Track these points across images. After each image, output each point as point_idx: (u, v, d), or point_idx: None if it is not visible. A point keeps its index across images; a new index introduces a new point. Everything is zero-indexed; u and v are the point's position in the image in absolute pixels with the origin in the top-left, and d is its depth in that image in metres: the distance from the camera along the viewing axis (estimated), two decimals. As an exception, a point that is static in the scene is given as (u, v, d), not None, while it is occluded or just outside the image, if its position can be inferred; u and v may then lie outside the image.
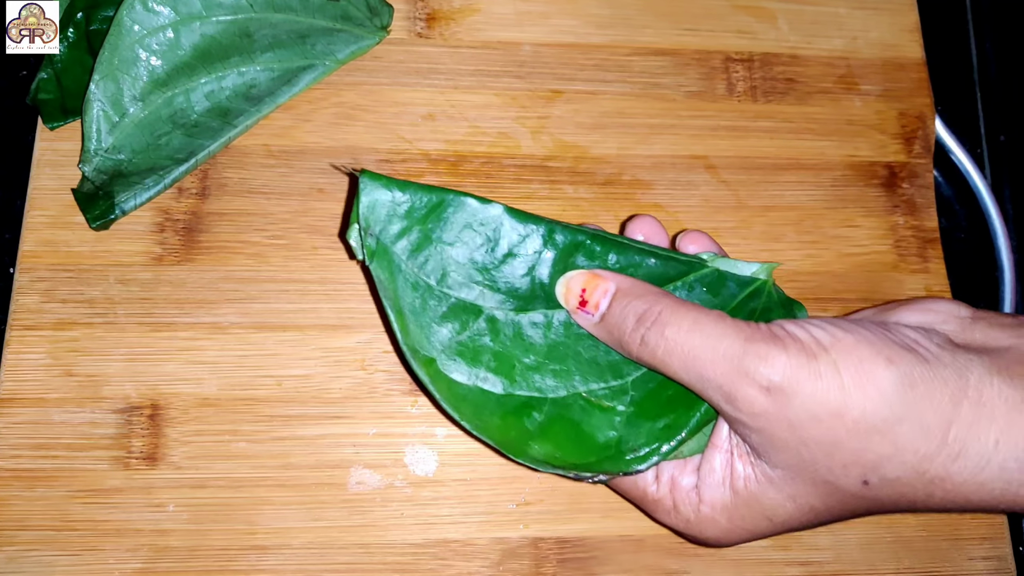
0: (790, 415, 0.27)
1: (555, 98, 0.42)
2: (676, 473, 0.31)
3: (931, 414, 0.26)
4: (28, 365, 0.36)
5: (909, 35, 0.45)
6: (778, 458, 0.28)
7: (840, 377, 0.26)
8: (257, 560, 0.36)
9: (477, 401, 0.31)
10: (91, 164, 0.35)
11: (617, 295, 0.30)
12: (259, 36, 0.36)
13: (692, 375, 0.28)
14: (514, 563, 0.37)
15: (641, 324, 0.29)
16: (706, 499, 0.30)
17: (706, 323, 0.28)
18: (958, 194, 0.47)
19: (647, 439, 0.31)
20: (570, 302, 0.31)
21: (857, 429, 0.26)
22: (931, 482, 0.27)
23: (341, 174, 0.40)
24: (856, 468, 0.27)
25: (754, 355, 0.27)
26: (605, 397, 0.31)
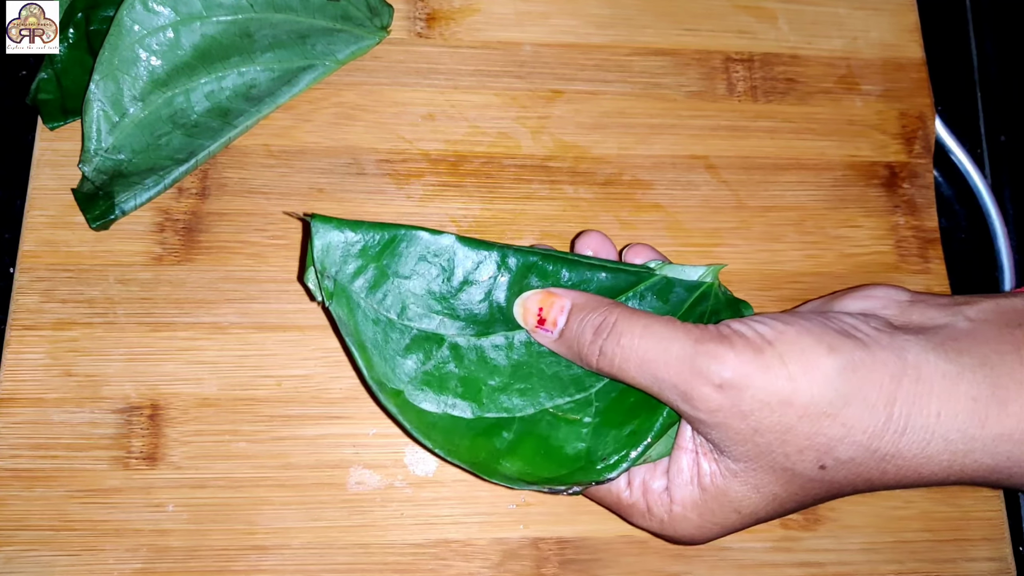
0: (743, 408, 0.28)
1: (555, 98, 0.42)
2: (647, 477, 0.32)
3: (874, 393, 0.28)
4: (28, 365, 0.36)
5: (909, 35, 0.45)
6: (738, 451, 0.29)
7: (786, 367, 0.28)
8: (257, 560, 0.36)
9: (447, 427, 0.32)
10: (91, 164, 0.35)
11: (573, 310, 0.31)
12: (259, 36, 0.36)
13: (648, 378, 0.29)
14: (514, 564, 0.37)
15: (598, 335, 0.30)
16: (677, 499, 0.31)
17: (657, 328, 0.29)
18: (958, 194, 0.47)
19: (615, 447, 0.32)
20: (528, 321, 0.32)
21: (807, 414, 0.28)
22: (883, 459, 0.28)
23: (341, 175, 0.40)
24: (811, 452, 0.28)
25: (704, 354, 0.28)
26: (571, 411, 0.32)
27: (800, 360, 0.28)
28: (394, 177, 0.40)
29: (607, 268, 0.33)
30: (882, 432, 0.28)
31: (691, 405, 0.29)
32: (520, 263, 0.32)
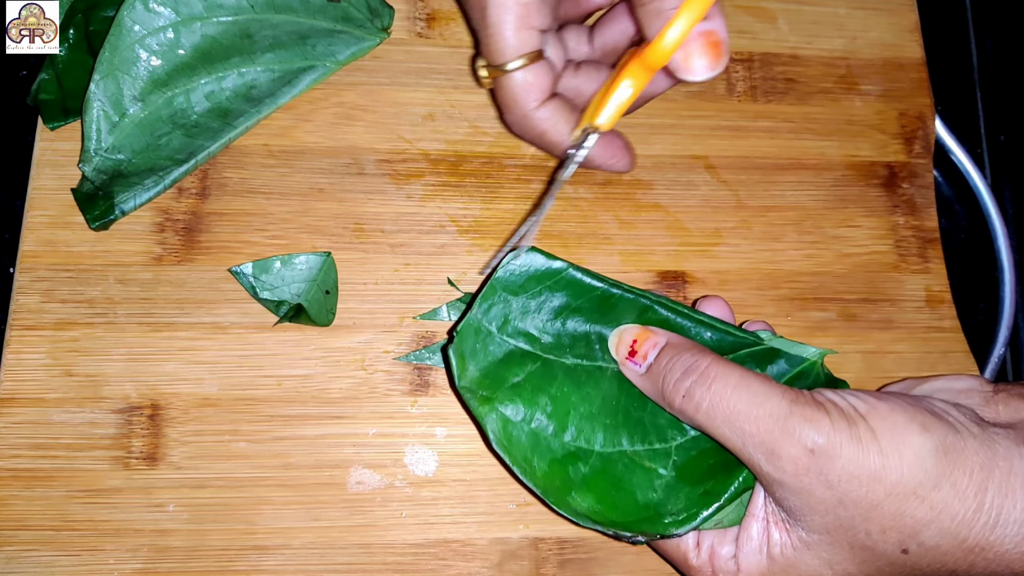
0: (831, 476, 0.27)
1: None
2: (716, 542, 0.31)
3: (965, 480, 0.27)
4: (28, 365, 0.36)
5: (909, 35, 0.45)
6: (815, 521, 0.28)
7: (878, 442, 0.27)
8: (257, 560, 0.36)
9: (528, 445, 0.32)
10: (91, 164, 0.35)
11: (666, 348, 0.31)
12: (260, 37, 0.36)
13: (735, 431, 0.28)
14: (514, 564, 0.37)
15: (686, 376, 0.30)
16: (743, 567, 0.30)
17: (753, 382, 0.29)
18: (958, 194, 0.47)
19: (686, 504, 0.31)
20: (620, 352, 0.32)
21: (895, 492, 0.27)
22: (971, 551, 0.27)
23: (341, 174, 0.40)
24: (894, 533, 0.27)
25: (799, 416, 0.28)
26: (649, 458, 0.32)
27: (892, 436, 0.27)
28: (394, 177, 0.40)
29: (715, 328, 0.33)
30: (972, 521, 0.27)
31: (776, 465, 0.28)
32: (633, 299, 0.33)
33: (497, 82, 0.35)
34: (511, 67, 0.33)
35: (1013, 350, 0.45)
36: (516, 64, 0.33)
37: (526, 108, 0.35)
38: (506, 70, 0.34)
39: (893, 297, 0.42)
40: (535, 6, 0.33)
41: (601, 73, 0.37)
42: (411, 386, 0.38)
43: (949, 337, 0.41)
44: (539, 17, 0.33)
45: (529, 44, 0.33)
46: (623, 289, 0.33)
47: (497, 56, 0.33)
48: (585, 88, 0.37)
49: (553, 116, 0.35)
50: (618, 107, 0.33)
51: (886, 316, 0.41)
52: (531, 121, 0.35)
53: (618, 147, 0.37)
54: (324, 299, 0.37)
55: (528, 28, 0.33)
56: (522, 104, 0.34)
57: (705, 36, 0.31)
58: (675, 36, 0.30)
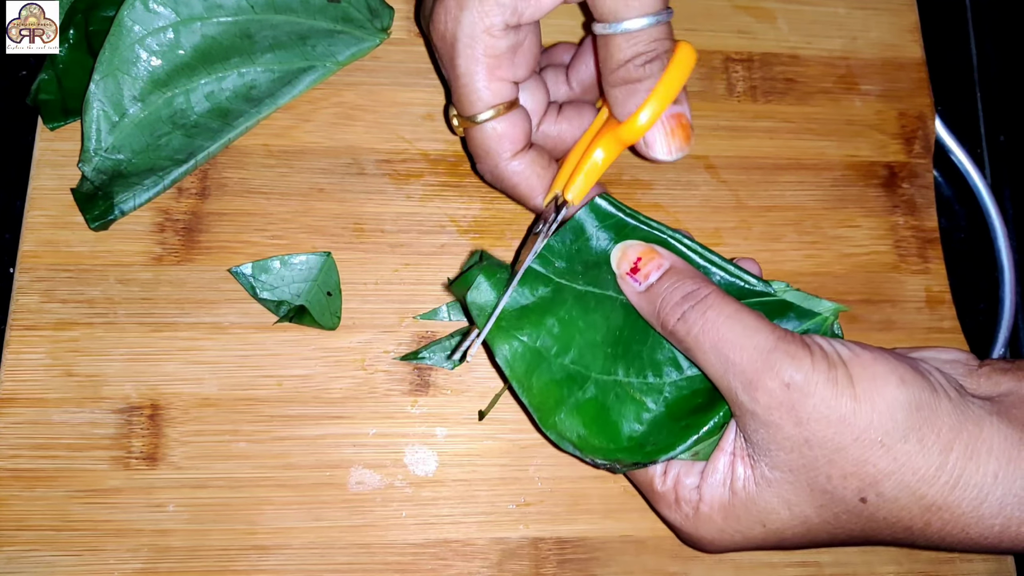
0: (801, 413, 0.28)
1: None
2: (682, 471, 0.32)
3: (932, 436, 0.27)
4: (28, 365, 0.36)
5: (909, 35, 0.45)
6: (780, 458, 0.29)
7: (853, 387, 0.28)
8: (257, 560, 0.36)
9: (529, 361, 0.33)
10: (91, 164, 0.35)
11: (669, 271, 0.31)
12: (260, 37, 0.36)
13: (720, 358, 0.29)
14: (514, 564, 0.37)
15: (685, 301, 0.30)
16: (705, 497, 0.31)
17: (746, 316, 0.29)
18: (958, 194, 0.47)
19: (667, 437, 0.32)
20: (622, 266, 0.32)
21: (862, 438, 0.27)
22: (928, 508, 0.28)
23: (341, 175, 0.40)
24: (855, 480, 0.28)
25: (783, 352, 0.28)
26: (640, 390, 0.33)
27: (869, 384, 0.28)
28: (394, 177, 0.40)
29: (729, 272, 0.33)
30: (933, 478, 0.27)
31: (751, 395, 0.28)
32: (647, 231, 0.33)
33: (468, 132, 0.34)
34: (482, 118, 0.33)
35: (1013, 350, 0.45)
36: (487, 115, 0.33)
37: (498, 160, 0.34)
38: (477, 121, 0.33)
39: (893, 298, 0.42)
40: (507, 57, 0.32)
41: (583, 115, 0.36)
42: (411, 386, 0.38)
43: (949, 337, 0.41)
44: (511, 68, 0.33)
45: (500, 95, 0.33)
46: (640, 220, 0.33)
47: (468, 107, 0.33)
48: (567, 134, 0.36)
49: (526, 169, 0.34)
50: (589, 183, 0.34)
51: (886, 317, 0.41)
52: (503, 173, 0.34)
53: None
54: (327, 301, 0.37)
55: (499, 79, 0.32)
56: (494, 156, 0.34)
57: (676, 118, 0.32)
58: (649, 116, 0.32)
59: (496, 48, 0.32)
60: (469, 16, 0.31)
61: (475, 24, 0.31)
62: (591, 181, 0.34)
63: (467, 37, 0.31)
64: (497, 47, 0.32)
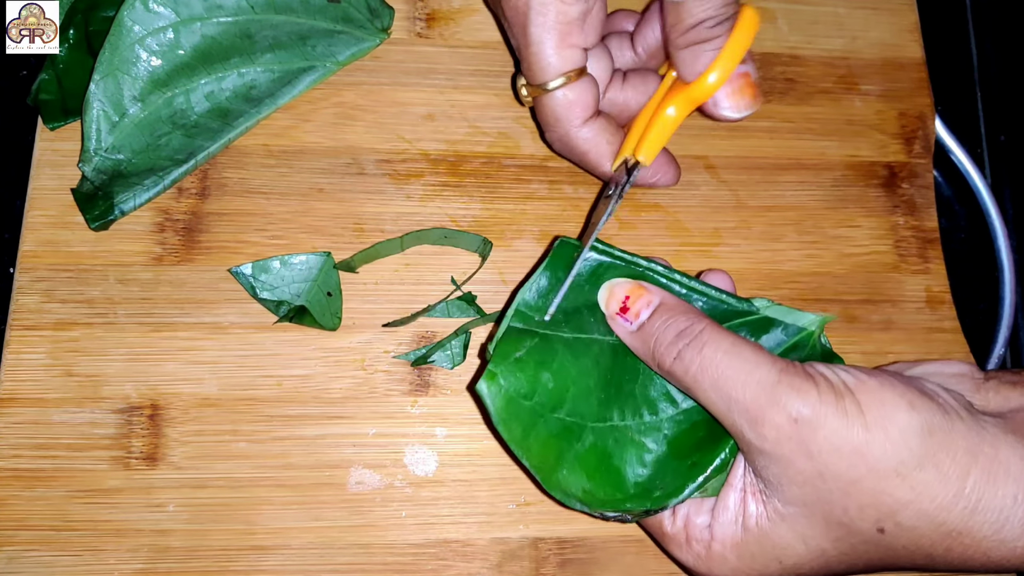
0: (812, 447, 0.27)
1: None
2: (692, 511, 0.31)
3: (949, 463, 0.27)
4: (28, 365, 0.36)
5: (909, 35, 0.45)
6: (793, 493, 0.28)
7: (863, 416, 0.27)
8: (257, 560, 0.36)
9: (526, 421, 0.32)
10: (91, 164, 0.35)
11: (660, 308, 0.31)
12: (260, 37, 0.36)
13: (721, 396, 0.28)
14: (514, 564, 0.37)
15: (679, 339, 0.29)
16: (717, 536, 0.30)
17: (744, 349, 0.28)
18: (958, 194, 0.47)
19: (674, 478, 0.31)
20: (610, 307, 0.32)
21: (876, 469, 0.27)
22: (948, 535, 0.27)
23: (341, 175, 0.40)
24: (872, 511, 0.27)
25: (787, 386, 0.27)
26: (638, 432, 0.32)
27: (879, 412, 0.27)
28: (394, 177, 0.40)
29: (710, 296, 0.33)
30: (952, 505, 0.26)
31: (758, 433, 0.27)
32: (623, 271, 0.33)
33: (538, 101, 0.34)
34: (552, 86, 0.33)
35: (1013, 350, 0.45)
36: (558, 83, 0.33)
37: (568, 127, 0.34)
38: (547, 89, 0.33)
39: (893, 298, 0.42)
40: (577, 24, 0.33)
41: (648, 82, 0.37)
42: (411, 386, 0.38)
43: (949, 337, 0.41)
44: (581, 35, 0.33)
45: (571, 62, 0.33)
46: (613, 256, 0.33)
47: (539, 75, 0.33)
48: (632, 101, 0.37)
49: (596, 136, 0.35)
50: (660, 141, 0.35)
51: (886, 317, 0.41)
52: (574, 140, 0.35)
53: (662, 163, 0.37)
54: (327, 301, 0.37)
55: (570, 46, 0.33)
56: (564, 123, 0.34)
57: (743, 77, 0.33)
58: (719, 75, 0.33)
59: (568, 15, 0.32)
60: None
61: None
62: (663, 140, 0.35)
63: (539, 4, 0.32)
64: (569, 13, 0.32)
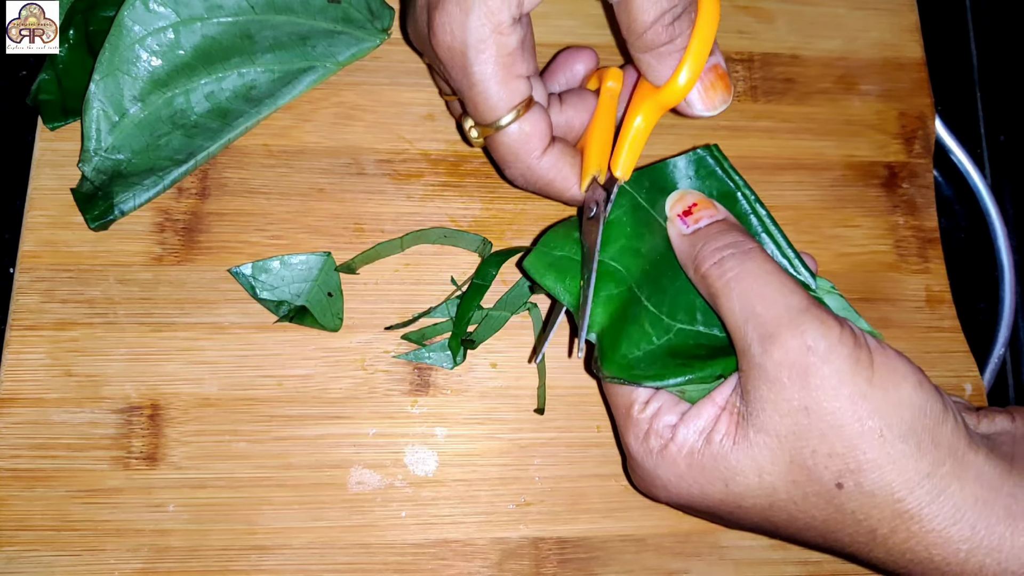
0: (812, 379, 0.27)
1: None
2: (664, 406, 0.31)
3: (930, 446, 0.27)
4: (28, 365, 0.36)
5: (909, 35, 0.45)
6: (772, 421, 0.28)
7: (872, 372, 0.27)
8: (257, 560, 0.36)
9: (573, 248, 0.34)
10: (90, 164, 0.35)
11: (721, 221, 0.31)
12: (260, 38, 0.36)
13: (744, 307, 0.28)
14: (514, 563, 0.37)
15: (728, 247, 0.30)
16: (678, 439, 0.30)
17: (786, 279, 0.29)
18: (958, 194, 0.47)
19: (658, 369, 0.31)
20: (675, 207, 0.32)
21: (862, 423, 0.27)
22: (900, 515, 0.27)
23: (341, 174, 0.40)
24: (839, 462, 0.27)
25: (813, 316, 0.28)
26: (651, 322, 0.32)
27: (888, 374, 0.27)
28: (394, 177, 0.40)
29: (782, 251, 0.33)
30: (915, 485, 0.27)
31: (766, 348, 0.28)
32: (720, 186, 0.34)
33: (491, 140, 0.33)
34: (504, 122, 0.32)
35: (1013, 350, 0.46)
36: (509, 118, 0.31)
37: (528, 160, 0.33)
38: (500, 126, 0.32)
39: (893, 297, 0.42)
40: (518, 53, 0.31)
41: (585, 99, 0.35)
42: (411, 386, 0.38)
43: (949, 337, 0.41)
44: (524, 64, 0.31)
45: (519, 94, 0.31)
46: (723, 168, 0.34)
47: (488, 114, 0.31)
48: (575, 120, 0.35)
49: (558, 162, 0.33)
50: (635, 152, 0.34)
51: (886, 316, 0.41)
52: (536, 172, 0.33)
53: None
54: (328, 302, 0.37)
55: (516, 77, 0.31)
56: (524, 157, 0.33)
57: (713, 71, 0.32)
58: (688, 76, 0.31)
59: (508, 46, 0.30)
60: (476, 19, 0.29)
61: (483, 26, 0.30)
62: (637, 152, 0.33)
63: (477, 42, 0.30)
64: (508, 45, 0.30)
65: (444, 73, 0.32)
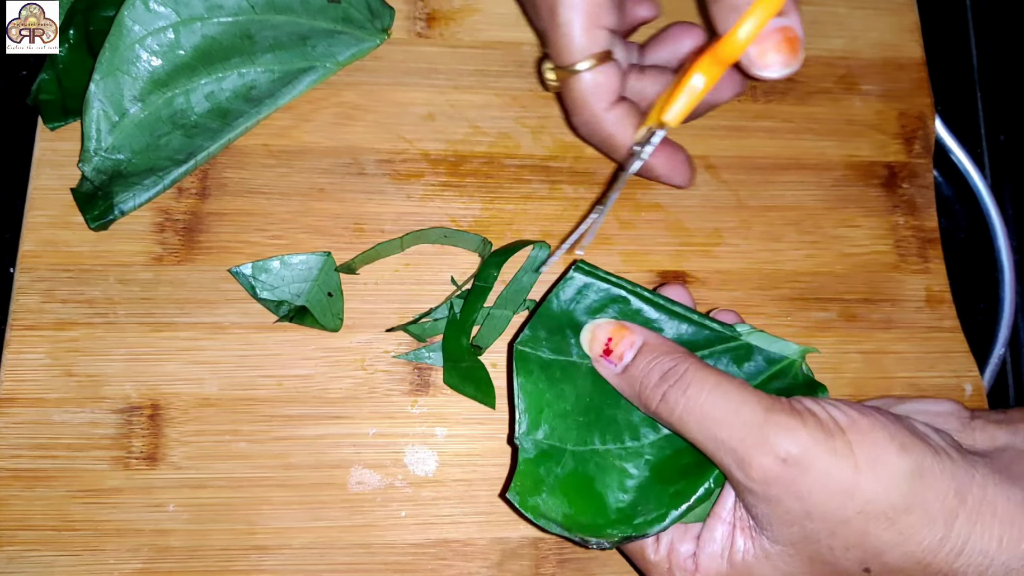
0: (801, 488, 0.27)
1: (555, 98, 0.42)
2: (676, 539, 0.31)
3: (937, 505, 0.27)
4: (28, 365, 0.36)
5: (909, 35, 0.45)
6: (781, 532, 0.28)
7: (854, 457, 0.27)
8: (257, 560, 0.36)
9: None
10: (91, 164, 0.35)
11: (643, 349, 0.31)
12: (260, 38, 0.36)
13: (708, 437, 0.28)
14: (514, 563, 0.37)
15: (664, 381, 0.29)
16: (702, 568, 0.30)
17: (729, 388, 0.28)
18: (958, 194, 0.47)
19: (656, 504, 0.31)
20: (594, 349, 0.32)
21: (865, 511, 0.27)
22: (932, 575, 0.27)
23: (341, 174, 0.40)
24: (858, 551, 0.27)
25: (774, 425, 0.27)
26: (620, 457, 0.31)
27: (870, 454, 0.27)
28: (394, 177, 0.40)
29: (692, 321, 0.32)
30: (937, 549, 0.26)
31: (746, 473, 0.27)
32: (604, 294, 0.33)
33: (565, 83, 0.34)
34: (580, 67, 0.33)
35: (1013, 350, 0.45)
36: (586, 65, 0.33)
37: (595, 109, 0.34)
38: (575, 71, 0.33)
39: (893, 297, 0.42)
40: (605, 5, 0.33)
41: (666, 76, 0.37)
42: (411, 386, 0.38)
43: (949, 337, 0.41)
44: (609, 16, 0.33)
45: (599, 44, 0.33)
46: (597, 277, 0.33)
47: (567, 56, 0.33)
48: (649, 91, 0.36)
49: (621, 119, 0.35)
50: (688, 102, 0.32)
51: (886, 316, 0.41)
52: (600, 123, 0.35)
53: (680, 160, 0.37)
54: (328, 302, 0.37)
55: (598, 27, 0.33)
56: (591, 106, 0.34)
57: (781, 32, 0.31)
58: (750, 30, 0.30)
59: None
60: None
61: None
62: (691, 103, 0.33)
63: None
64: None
65: (533, 12, 0.34)
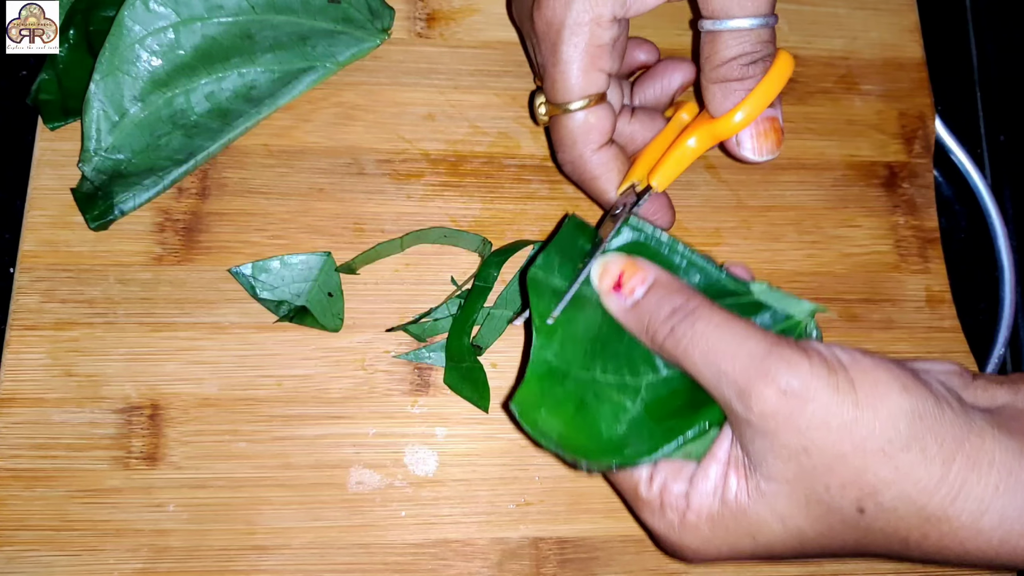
0: (800, 421, 0.27)
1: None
2: (669, 478, 0.31)
3: (935, 447, 0.27)
4: (28, 365, 0.36)
5: (909, 35, 0.45)
6: (776, 468, 0.28)
7: (855, 393, 0.27)
8: (257, 560, 0.36)
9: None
10: (90, 164, 0.35)
11: (655, 285, 0.31)
12: (260, 38, 0.36)
13: (711, 369, 0.28)
14: (514, 563, 0.37)
15: (673, 315, 0.29)
16: (694, 506, 0.30)
17: (735, 323, 0.28)
18: (958, 194, 0.47)
19: (648, 439, 0.31)
20: (604, 282, 0.32)
21: (863, 447, 0.26)
22: (927, 520, 0.27)
23: (341, 174, 0.40)
24: (854, 489, 0.27)
25: (778, 357, 0.27)
26: (618, 390, 0.32)
27: (871, 390, 0.27)
28: (394, 177, 0.40)
29: (707, 272, 0.33)
30: (934, 490, 0.26)
31: (746, 404, 0.27)
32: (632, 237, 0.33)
33: (556, 120, 0.35)
34: (574, 107, 0.34)
35: (1013, 350, 0.45)
36: (579, 104, 0.34)
37: (583, 150, 0.35)
38: (568, 109, 0.34)
39: (893, 297, 0.42)
40: (607, 48, 0.33)
41: (655, 120, 0.37)
42: (411, 386, 0.38)
43: (949, 337, 0.41)
44: (610, 60, 0.34)
45: (596, 86, 0.34)
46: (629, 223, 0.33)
47: (562, 94, 0.34)
48: (639, 135, 0.37)
49: (607, 163, 0.35)
50: (676, 170, 0.34)
51: (886, 316, 0.41)
52: (585, 164, 0.35)
53: (661, 204, 0.37)
54: (328, 302, 0.37)
55: (597, 70, 0.33)
56: (580, 146, 0.35)
57: (769, 122, 0.33)
58: (745, 116, 0.33)
59: (600, 38, 0.33)
60: (581, 4, 0.32)
61: (584, 13, 0.32)
62: (678, 170, 0.35)
63: (575, 25, 0.32)
64: (602, 37, 0.33)
65: (534, 47, 0.35)
